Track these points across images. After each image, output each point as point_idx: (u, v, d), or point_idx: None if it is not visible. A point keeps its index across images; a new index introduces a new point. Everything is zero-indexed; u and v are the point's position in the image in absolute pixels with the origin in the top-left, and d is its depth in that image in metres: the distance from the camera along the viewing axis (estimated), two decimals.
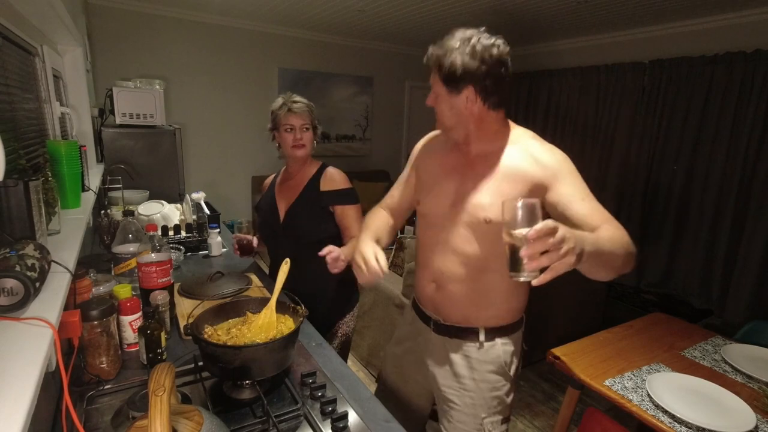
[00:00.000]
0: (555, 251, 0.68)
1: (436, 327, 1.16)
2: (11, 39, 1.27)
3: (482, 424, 1.12)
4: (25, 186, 0.80)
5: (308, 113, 1.50)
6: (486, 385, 1.11)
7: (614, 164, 4.09)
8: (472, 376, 1.12)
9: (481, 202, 1.02)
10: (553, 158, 1.00)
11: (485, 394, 1.12)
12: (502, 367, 1.12)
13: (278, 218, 1.56)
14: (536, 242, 0.68)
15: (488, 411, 1.12)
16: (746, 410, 1.20)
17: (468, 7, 3.39)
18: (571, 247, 0.69)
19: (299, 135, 1.50)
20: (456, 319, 1.13)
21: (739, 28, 3.28)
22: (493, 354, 1.11)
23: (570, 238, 0.70)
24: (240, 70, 4.35)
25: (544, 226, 0.68)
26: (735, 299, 3.32)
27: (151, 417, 0.59)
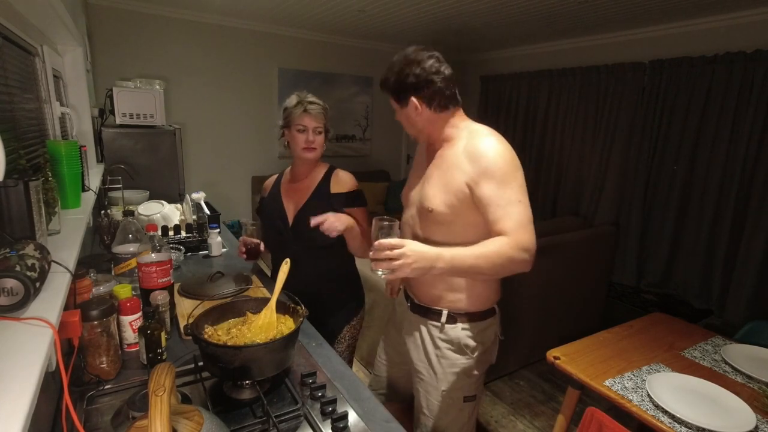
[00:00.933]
0: (392, 260, 0.96)
1: (412, 306, 1.29)
2: (11, 39, 1.27)
3: (441, 396, 1.25)
4: (25, 186, 0.80)
5: (323, 116, 1.47)
6: (445, 362, 1.23)
7: (614, 164, 4.09)
8: (435, 353, 1.24)
9: (427, 193, 1.16)
10: (487, 157, 1.06)
11: (445, 369, 1.23)
12: (462, 348, 1.22)
13: (286, 221, 1.53)
14: (377, 251, 0.98)
15: (447, 385, 1.23)
16: (746, 410, 1.20)
17: (468, 7, 3.39)
18: (407, 262, 0.96)
19: (312, 137, 1.45)
20: (424, 300, 1.25)
21: (739, 28, 3.28)
22: (453, 335, 1.21)
23: (409, 256, 0.96)
24: (240, 70, 4.35)
25: (386, 242, 0.97)
26: (735, 299, 3.32)
27: (151, 417, 0.59)
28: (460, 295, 1.20)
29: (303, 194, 1.53)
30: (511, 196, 1.04)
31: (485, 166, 1.05)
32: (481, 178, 1.05)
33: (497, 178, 1.04)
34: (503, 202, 1.03)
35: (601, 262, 3.03)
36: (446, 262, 1.00)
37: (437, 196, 1.12)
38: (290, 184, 1.59)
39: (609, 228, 3.22)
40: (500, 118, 5.19)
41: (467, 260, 1.01)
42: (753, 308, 3.21)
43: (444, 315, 1.21)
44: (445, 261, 1.00)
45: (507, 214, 1.03)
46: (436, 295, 1.22)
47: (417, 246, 0.99)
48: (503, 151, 1.07)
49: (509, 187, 1.04)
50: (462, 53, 5.55)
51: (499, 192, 1.04)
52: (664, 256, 3.79)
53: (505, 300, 1.31)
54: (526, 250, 1.02)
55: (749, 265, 3.22)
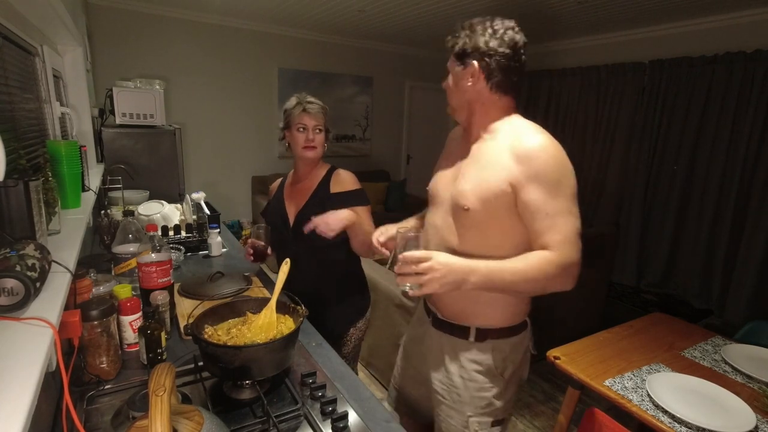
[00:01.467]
0: (420, 275, 0.88)
1: (434, 321, 1.16)
2: (11, 39, 1.27)
3: (468, 423, 1.11)
4: (26, 186, 0.80)
5: (322, 115, 1.47)
6: (473, 384, 1.09)
7: (614, 164, 4.10)
8: (460, 374, 1.11)
9: (463, 189, 1.02)
10: (539, 158, 0.94)
11: (472, 393, 1.10)
12: (491, 369, 1.09)
13: (287, 222, 1.54)
14: (403, 266, 0.90)
15: (474, 410, 1.10)
16: (746, 410, 1.20)
17: (468, 8, 3.39)
18: (436, 276, 0.88)
19: (311, 136, 1.46)
20: (450, 315, 1.12)
21: (739, 28, 3.28)
22: (483, 355, 1.08)
23: (438, 270, 0.88)
24: (240, 70, 4.36)
25: (412, 255, 0.89)
26: (735, 299, 3.32)
27: (152, 417, 0.59)
28: (490, 309, 1.07)
29: (304, 195, 1.53)
30: (561, 206, 0.92)
31: (536, 169, 0.92)
32: (530, 181, 0.93)
33: (548, 183, 0.92)
34: (552, 211, 0.92)
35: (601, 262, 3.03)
36: (481, 277, 0.90)
37: (474, 192, 0.99)
38: (292, 186, 1.60)
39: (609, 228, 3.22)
40: None
41: (505, 276, 0.91)
42: (753, 308, 3.21)
43: (472, 332, 1.08)
44: (480, 275, 0.90)
45: (554, 226, 0.92)
46: (463, 310, 1.09)
47: (446, 258, 0.90)
48: (557, 153, 0.95)
49: (560, 194, 0.92)
50: None
51: (549, 200, 0.92)
52: (664, 256, 3.79)
53: None
54: (570, 266, 0.91)
55: (749, 265, 3.22)
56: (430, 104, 5.76)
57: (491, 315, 1.08)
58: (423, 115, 5.78)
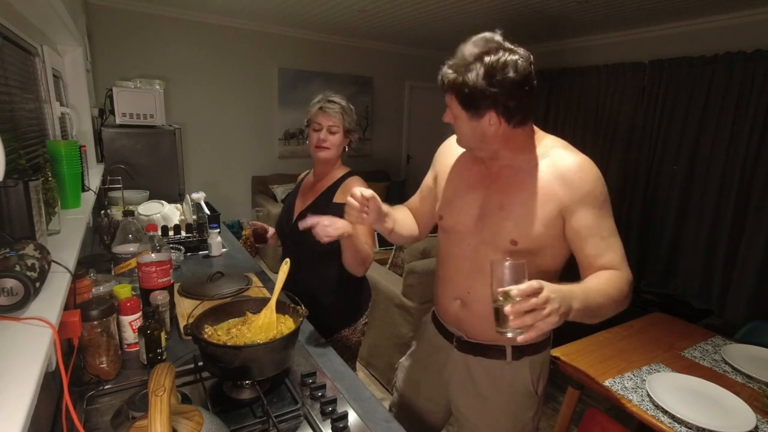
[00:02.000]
0: (539, 311, 0.70)
1: (459, 344, 1.10)
2: (11, 39, 1.27)
3: None
4: (25, 186, 0.80)
5: (340, 115, 1.42)
6: (513, 407, 1.06)
7: (614, 164, 4.09)
8: (496, 397, 1.06)
9: (509, 224, 0.96)
10: (584, 180, 0.91)
11: (512, 416, 1.06)
12: (529, 389, 1.06)
13: (291, 219, 1.53)
14: (521, 302, 0.70)
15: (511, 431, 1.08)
16: (746, 410, 1.20)
17: (468, 8, 3.39)
18: (555, 307, 0.71)
19: (323, 136, 1.43)
20: (481, 336, 1.06)
21: (739, 28, 3.28)
22: (521, 374, 1.05)
23: (554, 299, 0.72)
24: (240, 70, 4.36)
25: (528, 287, 0.71)
26: (735, 299, 3.32)
27: (151, 417, 0.59)
28: None
29: (311, 196, 1.51)
30: (611, 226, 0.92)
31: (585, 192, 0.90)
32: (579, 205, 0.90)
33: (597, 205, 0.90)
34: (606, 233, 0.90)
35: None
36: (581, 302, 0.79)
37: (523, 227, 0.94)
38: (308, 183, 1.58)
39: None
40: None
41: (598, 299, 0.83)
42: (753, 308, 3.21)
43: (509, 352, 1.03)
44: (580, 300, 0.78)
45: (611, 246, 0.90)
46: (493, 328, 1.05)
47: (553, 285, 0.75)
48: (597, 172, 0.93)
49: (608, 213, 0.92)
50: None
51: (601, 221, 0.90)
52: (664, 256, 3.79)
53: None
54: (632, 286, 0.91)
55: (749, 265, 3.22)
56: (430, 104, 5.75)
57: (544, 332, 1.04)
58: (423, 115, 5.78)
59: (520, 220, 0.94)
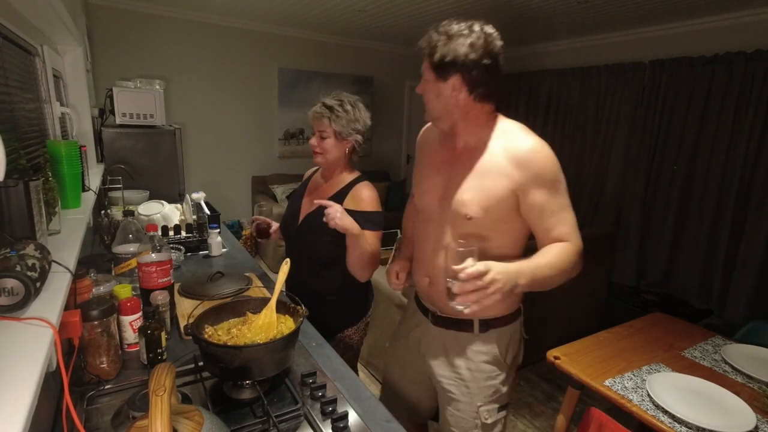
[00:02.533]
0: (483, 290, 0.84)
1: (434, 319, 1.19)
2: (11, 39, 1.27)
3: (478, 412, 1.15)
4: (26, 186, 0.80)
5: (327, 120, 1.38)
6: (481, 375, 1.14)
7: (614, 164, 4.10)
8: (467, 366, 1.15)
9: (463, 199, 1.04)
10: (536, 161, 0.98)
11: (481, 383, 1.14)
12: (497, 357, 1.14)
13: (297, 220, 1.51)
14: (466, 282, 0.85)
15: (484, 399, 1.15)
16: (746, 410, 1.20)
17: (468, 7, 3.39)
18: (498, 287, 0.85)
19: (315, 141, 1.42)
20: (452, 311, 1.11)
21: (739, 28, 3.28)
22: (488, 345, 1.13)
23: (499, 280, 0.85)
24: (240, 69, 4.36)
25: (474, 271, 0.84)
26: (735, 299, 3.32)
27: (152, 417, 0.59)
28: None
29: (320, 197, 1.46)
30: (562, 201, 1.00)
31: (536, 172, 0.97)
32: (532, 185, 0.98)
33: (548, 183, 0.98)
34: (556, 208, 0.99)
35: (601, 262, 3.03)
36: (527, 278, 0.91)
37: (475, 201, 1.02)
38: (317, 184, 1.55)
39: (609, 228, 3.22)
40: None
41: (546, 271, 0.94)
42: (753, 308, 3.21)
43: (476, 324, 1.12)
44: (526, 276, 0.91)
45: (562, 220, 0.99)
46: None
47: (500, 266, 0.88)
48: (549, 153, 1.00)
49: (559, 191, 1.00)
50: None
51: (552, 198, 0.99)
52: (664, 256, 3.79)
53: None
54: (581, 254, 0.99)
55: (749, 265, 3.22)
56: None
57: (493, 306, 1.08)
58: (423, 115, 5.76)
59: (474, 196, 1.02)
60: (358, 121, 1.41)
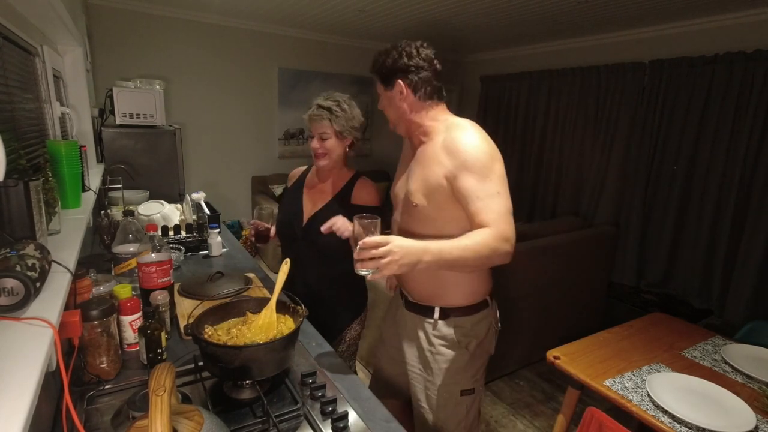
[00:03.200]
0: (378, 259, 0.92)
1: (406, 304, 1.31)
2: (11, 39, 1.27)
3: (438, 392, 1.25)
4: (26, 186, 0.80)
5: (328, 121, 1.39)
6: (440, 357, 1.23)
7: (614, 164, 4.09)
8: (428, 348, 1.25)
9: (411, 188, 1.17)
10: (465, 151, 1.06)
11: (440, 365, 1.23)
12: (455, 344, 1.22)
13: (301, 220, 1.51)
14: (362, 251, 0.93)
15: (442, 380, 1.24)
16: (746, 410, 1.20)
17: (468, 7, 3.39)
18: (395, 258, 0.92)
19: (316, 144, 1.42)
20: (418, 297, 1.26)
21: (739, 28, 3.28)
22: (445, 331, 1.22)
23: (396, 252, 0.92)
24: (240, 70, 4.36)
25: (371, 240, 0.93)
26: (735, 299, 3.32)
27: (152, 417, 0.59)
28: (451, 290, 1.21)
29: (323, 197, 1.49)
30: (490, 189, 1.04)
31: (463, 159, 1.05)
32: (460, 171, 1.05)
33: (476, 171, 1.04)
34: (483, 194, 1.04)
35: (601, 262, 3.03)
36: (433, 255, 0.98)
37: (419, 190, 1.14)
38: (313, 184, 1.55)
39: (609, 228, 3.22)
40: (500, 118, 5.19)
41: (454, 252, 1.00)
42: (753, 308, 3.21)
43: (436, 311, 1.22)
44: (432, 254, 0.98)
45: (487, 207, 1.03)
46: (429, 293, 1.23)
47: (402, 241, 0.96)
48: (481, 144, 1.07)
49: (488, 179, 1.05)
50: (462, 53, 5.55)
51: (479, 185, 1.04)
52: (664, 256, 3.79)
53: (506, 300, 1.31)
54: (507, 240, 1.02)
55: (749, 265, 3.22)
56: None
57: (453, 296, 1.22)
58: None
59: (419, 185, 1.14)
60: (355, 118, 1.47)
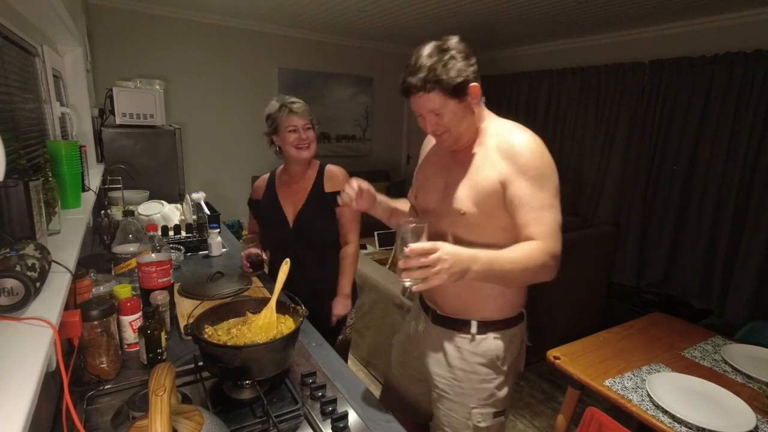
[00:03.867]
0: (429, 268, 0.81)
1: (434, 317, 1.19)
2: (11, 39, 1.27)
3: (470, 414, 1.13)
4: (26, 186, 0.80)
5: (308, 112, 1.51)
6: (476, 377, 1.13)
7: (614, 164, 4.09)
8: (462, 367, 1.13)
9: (458, 195, 1.06)
10: (524, 154, 0.99)
11: (474, 385, 1.13)
12: (494, 361, 1.13)
13: (287, 224, 1.55)
14: (411, 259, 0.82)
15: (477, 402, 1.13)
16: (746, 410, 1.20)
17: (468, 8, 3.39)
18: (445, 267, 0.82)
19: (303, 135, 1.48)
20: (450, 310, 1.15)
21: (739, 28, 3.28)
22: (484, 347, 1.12)
23: (446, 260, 0.82)
24: (240, 70, 4.35)
25: (420, 247, 0.82)
26: (735, 299, 3.32)
27: (152, 417, 0.59)
28: (490, 302, 1.11)
29: (300, 196, 1.54)
30: (544, 200, 0.97)
31: (522, 164, 0.98)
32: (517, 176, 0.97)
33: (533, 177, 0.97)
34: (537, 204, 0.96)
35: (601, 262, 3.03)
36: (482, 265, 0.88)
37: (469, 197, 1.04)
38: (286, 187, 1.60)
39: (609, 228, 3.22)
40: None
41: (505, 265, 0.91)
42: (753, 308, 3.21)
43: (474, 325, 1.12)
44: (481, 264, 0.88)
45: (539, 218, 0.96)
46: (463, 304, 1.13)
47: (452, 248, 0.86)
48: (540, 149, 1.00)
49: (545, 188, 0.97)
50: None
51: (534, 193, 0.96)
52: (664, 256, 3.78)
53: None
54: (555, 258, 0.95)
55: (749, 265, 3.22)
56: None
57: (491, 308, 1.12)
58: None
59: (468, 192, 1.04)
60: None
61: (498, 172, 1.00)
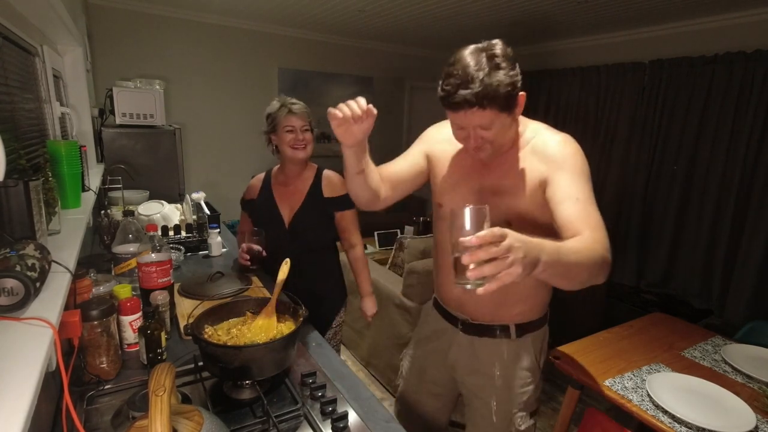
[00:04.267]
0: (501, 260, 0.62)
1: (464, 326, 1.14)
2: (11, 39, 1.27)
3: (512, 420, 1.11)
4: (26, 186, 0.80)
5: (307, 114, 1.52)
6: (518, 382, 1.11)
7: (614, 164, 4.09)
8: (503, 374, 1.10)
9: (501, 205, 1.00)
10: (560, 151, 0.96)
11: (516, 390, 1.11)
12: (533, 363, 1.11)
13: (282, 223, 1.57)
14: (479, 250, 0.62)
15: (519, 406, 1.11)
16: (746, 410, 1.20)
17: (468, 8, 3.38)
18: (519, 257, 0.63)
19: (301, 136, 1.50)
20: (484, 316, 1.11)
21: (739, 28, 3.28)
22: (524, 350, 1.10)
23: (519, 248, 0.63)
24: (240, 70, 4.35)
25: (489, 233, 0.63)
26: (735, 299, 3.32)
27: (152, 417, 0.59)
28: (522, 303, 1.07)
29: (297, 198, 1.56)
30: (588, 193, 0.90)
31: (561, 160, 0.94)
32: (556, 171, 0.93)
33: (574, 171, 0.92)
34: (582, 196, 0.89)
35: None
36: (549, 255, 0.70)
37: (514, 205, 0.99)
38: (282, 188, 1.61)
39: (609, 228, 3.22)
40: None
41: (570, 255, 0.75)
42: (753, 308, 3.21)
43: (513, 329, 1.08)
44: (549, 254, 0.70)
45: (587, 211, 0.88)
46: (494, 307, 1.08)
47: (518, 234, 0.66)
48: (578, 149, 0.97)
49: (585, 182, 0.92)
50: None
51: (577, 185, 0.90)
52: (664, 256, 3.78)
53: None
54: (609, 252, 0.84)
55: (749, 265, 3.22)
56: (430, 104, 5.76)
57: (525, 309, 1.09)
58: (423, 115, 5.78)
59: (512, 200, 0.99)
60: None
61: (536, 173, 0.96)
